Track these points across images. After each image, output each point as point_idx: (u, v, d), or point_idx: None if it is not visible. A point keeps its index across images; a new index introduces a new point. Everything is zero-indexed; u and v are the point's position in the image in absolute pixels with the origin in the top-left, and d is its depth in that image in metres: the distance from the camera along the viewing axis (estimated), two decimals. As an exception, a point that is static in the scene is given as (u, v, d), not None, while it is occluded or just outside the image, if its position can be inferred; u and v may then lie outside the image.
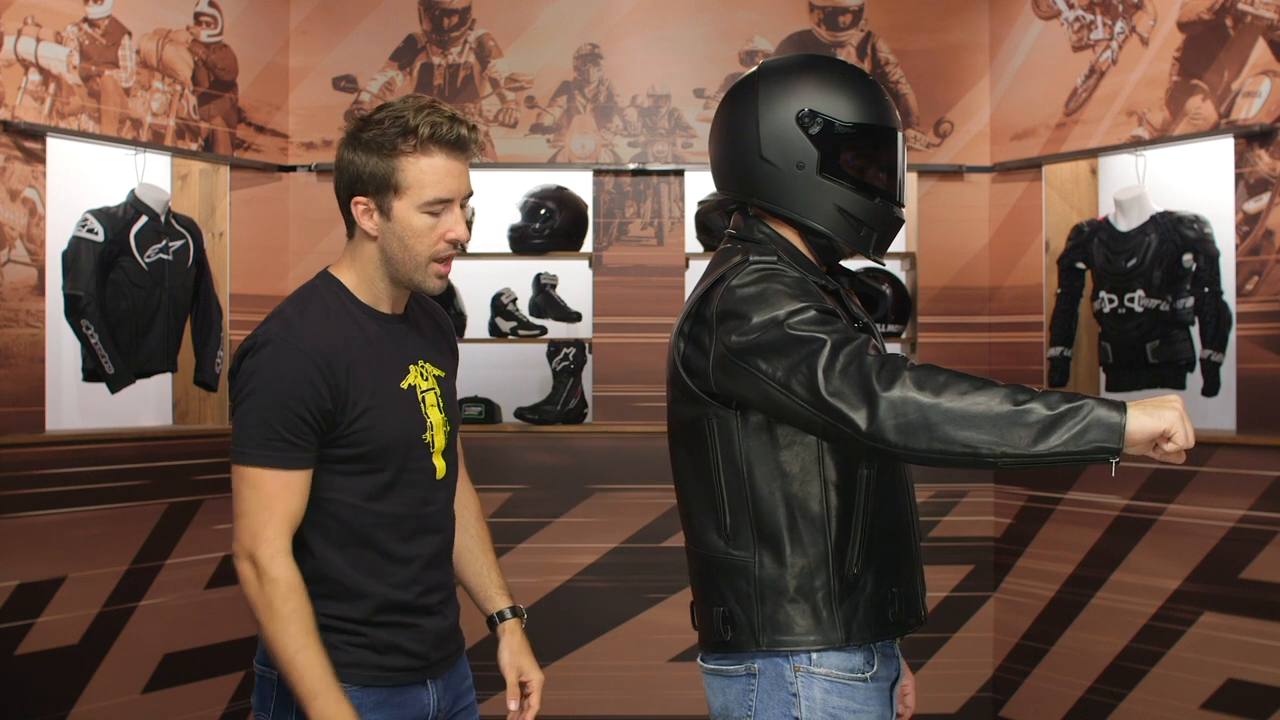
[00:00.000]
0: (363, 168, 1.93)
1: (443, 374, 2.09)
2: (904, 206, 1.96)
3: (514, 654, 2.14)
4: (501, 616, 2.16)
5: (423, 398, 2.02)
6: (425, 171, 1.92)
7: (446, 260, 1.99)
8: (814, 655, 1.84)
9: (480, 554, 2.20)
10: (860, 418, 1.63)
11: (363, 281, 2.01)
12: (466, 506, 2.22)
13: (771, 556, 1.85)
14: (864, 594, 1.85)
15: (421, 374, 2.04)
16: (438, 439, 2.03)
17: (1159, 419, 1.58)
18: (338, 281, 2.01)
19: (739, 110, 1.94)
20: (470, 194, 2.00)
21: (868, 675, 1.86)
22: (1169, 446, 1.59)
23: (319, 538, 1.95)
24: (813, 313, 1.74)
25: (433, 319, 2.17)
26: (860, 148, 1.91)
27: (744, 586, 1.86)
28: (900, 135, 1.95)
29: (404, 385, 2.00)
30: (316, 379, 1.89)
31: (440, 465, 2.04)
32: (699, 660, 1.97)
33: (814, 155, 1.88)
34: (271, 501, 1.89)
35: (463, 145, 1.95)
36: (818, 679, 1.83)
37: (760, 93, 1.92)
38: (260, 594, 1.88)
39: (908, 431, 1.61)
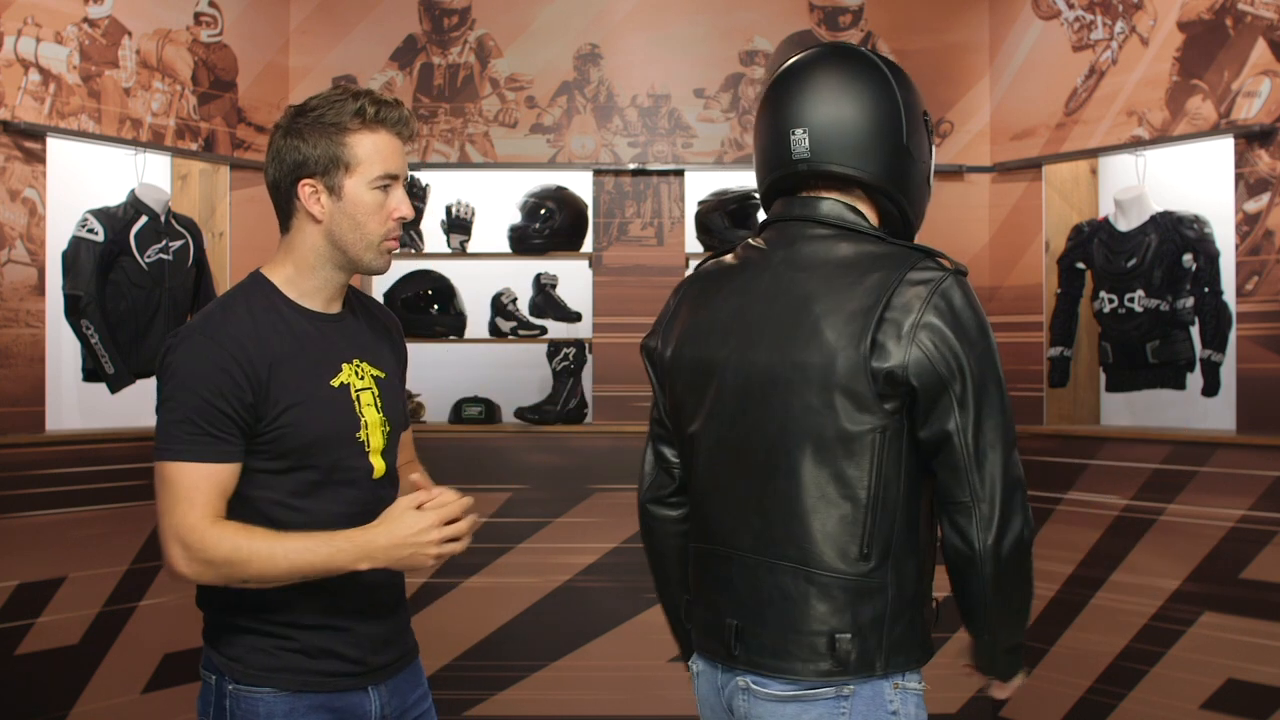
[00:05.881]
0: (310, 150, 1.94)
1: (383, 375, 2.08)
2: None
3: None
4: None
5: (357, 396, 2.01)
6: (374, 148, 1.96)
7: (395, 239, 2.03)
8: (907, 672, 1.83)
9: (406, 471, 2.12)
10: (998, 527, 1.72)
11: (300, 274, 2.00)
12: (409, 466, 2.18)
13: (907, 577, 1.80)
14: (931, 610, 1.88)
15: (357, 373, 2.03)
16: (374, 438, 2.02)
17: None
18: (268, 281, 2.01)
19: (878, 90, 1.83)
20: (409, 179, 2.03)
21: (924, 685, 1.88)
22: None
23: None
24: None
25: (378, 321, 2.16)
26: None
27: (874, 609, 1.78)
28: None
29: (335, 383, 1.99)
30: (235, 372, 1.89)
31: (379, 465, 2.03)
32: (749, 683, 1.83)
33: (930, 160, 1.88)
34: (193, 494, 1.87)
35: (404, 123, 2.00)
36: (911, 694, 1.83)
37: (895, 80, 1.85)
38: (211, 562, 1.87)
39: (1012, 570, 1.75)
